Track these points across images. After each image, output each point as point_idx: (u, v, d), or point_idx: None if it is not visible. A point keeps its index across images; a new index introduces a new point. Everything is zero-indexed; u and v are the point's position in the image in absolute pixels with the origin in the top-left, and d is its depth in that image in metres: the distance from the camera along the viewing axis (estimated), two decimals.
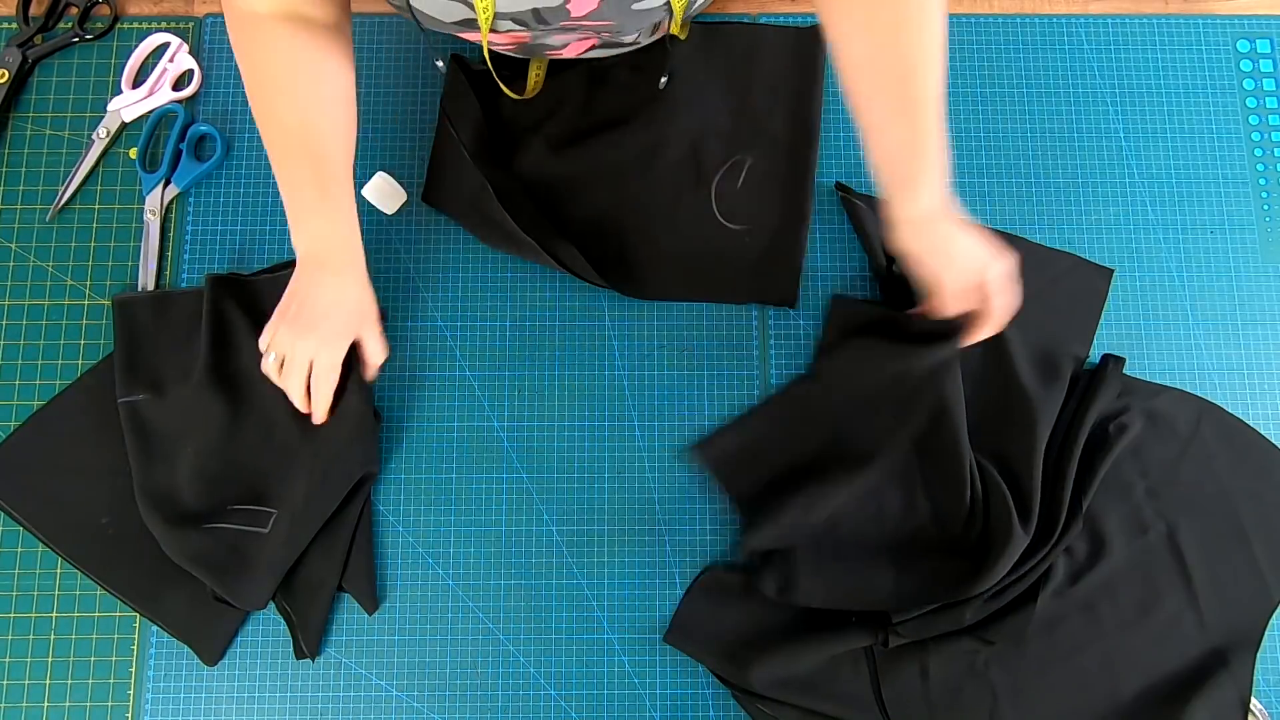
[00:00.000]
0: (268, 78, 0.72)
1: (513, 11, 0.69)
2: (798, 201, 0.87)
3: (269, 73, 0.71)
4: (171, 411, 0.81)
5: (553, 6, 0.68)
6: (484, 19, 0.69)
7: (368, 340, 0.77)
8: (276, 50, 0.71)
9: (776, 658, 0.76)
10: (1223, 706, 0.77)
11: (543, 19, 0.70)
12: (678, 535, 0.82)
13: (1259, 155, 0.90)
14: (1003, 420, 0.81)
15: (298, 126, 0.72)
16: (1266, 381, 0.85)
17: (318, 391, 0.75)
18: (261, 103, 0.72)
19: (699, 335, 0.86)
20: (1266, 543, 0.81)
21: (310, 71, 0.72)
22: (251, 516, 0.78)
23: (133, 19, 0.91)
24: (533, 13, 0.69)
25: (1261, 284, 0.87)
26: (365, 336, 0.77)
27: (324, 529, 0.79)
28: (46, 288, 0.86)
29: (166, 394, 0.81)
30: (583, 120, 0.88)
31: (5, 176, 0.88)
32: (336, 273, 0.75)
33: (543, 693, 0.79)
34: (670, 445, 0.83)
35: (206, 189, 0.88)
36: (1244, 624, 0.79)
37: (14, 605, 0.80)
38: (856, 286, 0.87)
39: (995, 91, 0.91)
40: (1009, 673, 0.78)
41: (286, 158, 0.73)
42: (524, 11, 0.69)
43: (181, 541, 0.77)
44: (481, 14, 0.68)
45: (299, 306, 0.75)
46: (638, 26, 0.75)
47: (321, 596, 0.78)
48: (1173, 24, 0.93)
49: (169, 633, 0.79)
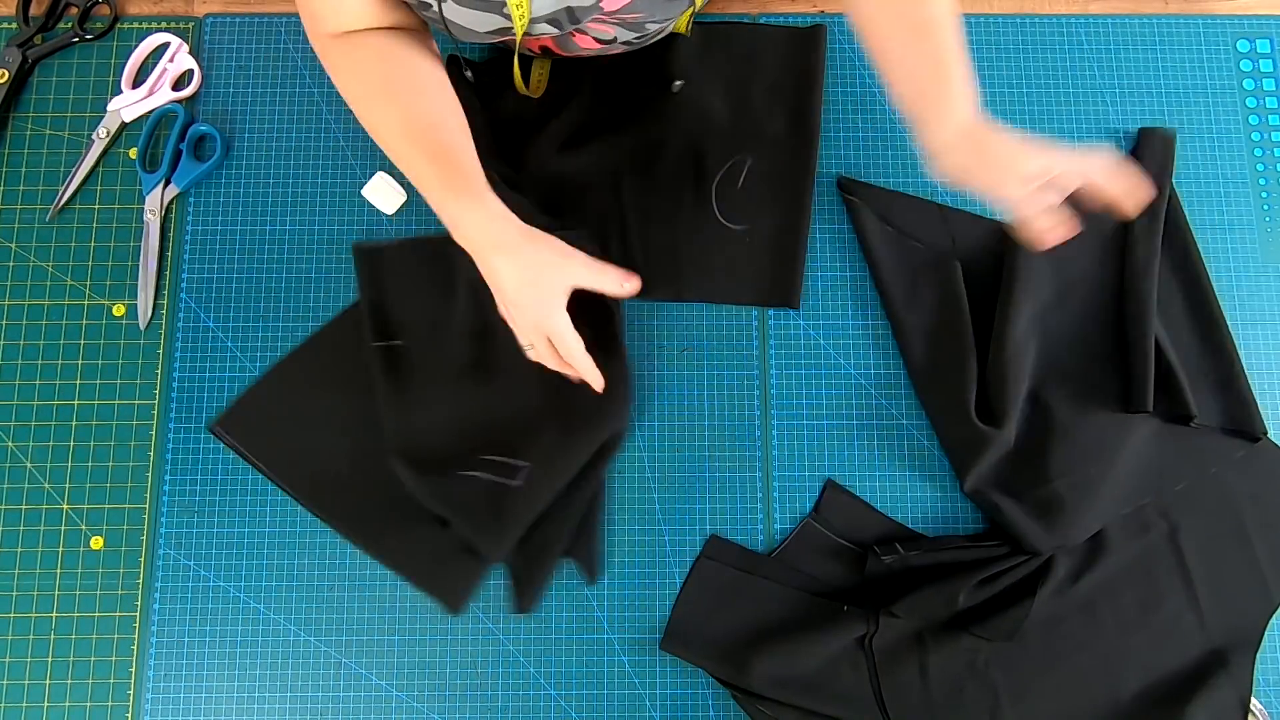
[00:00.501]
0: (384, 86, 0.72)
1: (547, 14, 0.69)
2: (798, 201, 0.87)
3: (384, 80, 0.71)
4: (424, 358, 0.82)
5: (585, 5, 0.69)
6: (520, 25, 0.69)
7: (584, 281, 0.73)
8: (388, 58, 0.71)
9: (774, 656, 0.76)
10: (1223, 707, 0.77)
11: (575, 17, 0.70)
12: (678, 535, 0.82)
13: (1259, 155, 0.90)
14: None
15: (428, 127, 0.72)
16: (1266, 381, 0.85)
17: (572, 359, 0.73)
18: (380, 113, 0.72)
19: (699, 335, 0.86)
20: (1267, 543, 0.81)
21: (422, 70, 0.72)
22: (503, 468, 0.79)
23: (133, 19, 0.91)
24: (566, 11, 0.69)
25: (1261, 284, 0.87)
26: (581, 280, 0.73)
27: (565, 490, 0.79)
28: (46, 288, 0.86)
29: (419, 340, 0.82)
30: (584, 121, 0.88)
31: (5, 176, 0.88)
32: (511, 250, 0.72)
33: (543, 693, 0.79)
34: (670, 445, 0.83)
35: (206, 189, 0.88)
36: (1244, 624, 0.79)
37: (14, 605, 0.80)
38: (857, 286, 0.87)
39: (995, 91, 0.91)
40: (1009, 672, 0.78)
41: (402, 153, 0.72)
42: (558, 11, 0.69)
43: (435, 486, 0.78)
44: (518, 21, 0.68)
45: (501, 297, 0.74)
46: (666, 16, 0.75)
47: (548, 557, 0.79)
48: (1173, 24, 0.93)
49: (412, 582, 0.79)
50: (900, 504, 0.83)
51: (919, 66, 0.70)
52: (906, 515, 0.83)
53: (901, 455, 0.84)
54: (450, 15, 0.69)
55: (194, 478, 0.82)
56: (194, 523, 0.82)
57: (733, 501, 0.83)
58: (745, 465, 0.83)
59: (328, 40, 0.72)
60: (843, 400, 0.85)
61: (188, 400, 0.84)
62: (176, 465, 0.83)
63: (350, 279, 0.86)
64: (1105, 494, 0.79)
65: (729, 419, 0.84)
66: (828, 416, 0.84)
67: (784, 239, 0.86)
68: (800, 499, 0.83)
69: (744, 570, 0.80)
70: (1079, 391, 0.83)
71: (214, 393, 0.84)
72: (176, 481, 0.82)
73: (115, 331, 0.85)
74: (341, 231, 0.87)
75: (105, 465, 0.83)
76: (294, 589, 0.81)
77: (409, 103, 0.72)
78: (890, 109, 0.90)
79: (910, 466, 0.83)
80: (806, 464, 0.83)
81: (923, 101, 0.71)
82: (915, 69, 0.71)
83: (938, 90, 0.70)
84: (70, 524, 0.82)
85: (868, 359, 0.85)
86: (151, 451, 0.83)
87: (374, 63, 0.72)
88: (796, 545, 0.81)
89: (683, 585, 0.80)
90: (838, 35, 0.92)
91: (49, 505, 0.82)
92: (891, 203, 0.87)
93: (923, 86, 0.71)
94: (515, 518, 0.77)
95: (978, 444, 0.80)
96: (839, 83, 0.91)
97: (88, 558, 0.81)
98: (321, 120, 0.89)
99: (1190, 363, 0.83)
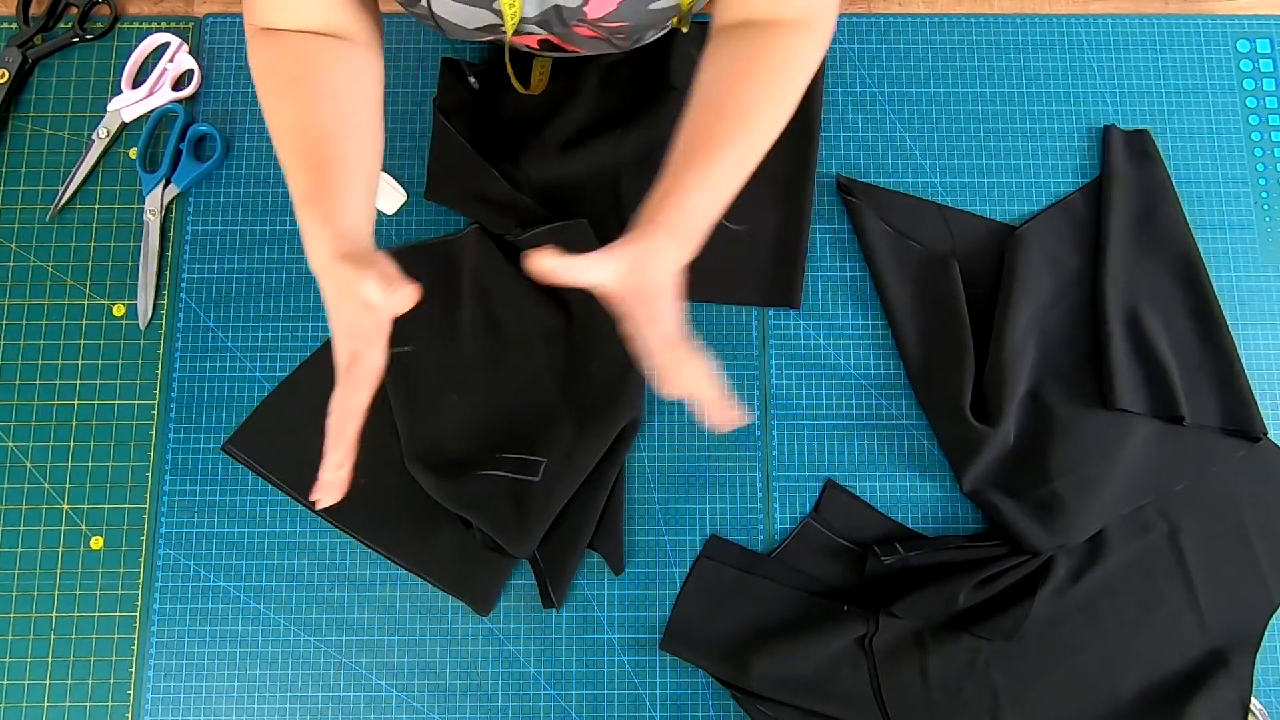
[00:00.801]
0: (289, 84, 0.65)
1: (536, 15, 0.69)
2: (798, 201, 0.87)
3: (291, 80, 0.65)
4: (435, 362, 0.82)
5: (572, 7, 0.68)
6: (511, 22, 0.69)
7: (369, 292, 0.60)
8: (304, 58, 0.66)
9: (774, 656, 0.76)
10: (1223, 707, 0.77)
11: (563, 19, 0.70)
12: (678, 535, 0.82)
13: (1259, 155, 0.90)
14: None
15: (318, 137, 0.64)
16: (1267, 381, 0.85)
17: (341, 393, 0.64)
18: (277, 109, 0.66)
19: (699, 335, 0.86)
20: (1268, 544, 0.81)
21: (337, 78, 0.66)
22: (522, 465, 0.79)
23: (133, 19, 0.91)
24: (555, 11, 0.69)
25: (1261, 284, 0.87)
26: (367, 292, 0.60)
27: (585, 482, 0.79)
28: (46, 288, 0.86)
29: (429, 344, 0.82)
30: (584, 120, 0.88)
31: (5, 176, 0.88)
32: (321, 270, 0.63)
33: (543, 693, 0.79)
34: (670, 445, 0.83)
35: (206, 189, 0.88)
36: (1244, 625, 0.79)
37: (14, 605, 0.80)
38: (856, 286, 0.87)
39: (995, 91, 0.91)
40: (1009, 672, 0.78)
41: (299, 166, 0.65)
42: (547, 11, 0.69)
43: (457, 489, 0.78)
44: (509, 18, 0.68)
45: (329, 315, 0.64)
46: (652, 24, 0.75)
47: (575, 550, 0.79)
48: (1173, 24, 0.93)
49: (439, 586, 0.79)
50: (900, 504, 0.83)
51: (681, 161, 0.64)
52: (906, 515, 0.83)
53: (901, 455, 0.84)
54: (439, 10, 0.68)
55: (194, 478, 0.82)
56: (194, 523, 0.82)
57: (733, 501, 0.83)
58: (745, 465, 0.83)
59: (255, 32, 0.67)
60: (843, 400, 0.85)
61: (188, 400, 0.84)
62: (176, 465, 0.83)
63: None
64: (1105, 494, 0.79)
65: None
66: (828, 416, 0.84)
67: (784, 239, 0.86)
68: (800, 499, 0.83)
69: (744, 570, 0.80)
70: (1078, 391, 0.83)
71: (214, 393, 0.84)
72: (176, 481, 0.82)
73: (115, 331, 0.85)
74: None
75: (105, 465, 0.83)
76: (294, 589, 0.81)
77: (309, 105, 0.65)
78: (890, 109, 0.91)
79: (910, 466, 0.83)
80: (806, 464, 0.83)
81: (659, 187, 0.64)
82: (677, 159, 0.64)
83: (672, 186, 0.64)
84: (70, 524, 0.82)
85: (868, 359, 0.85)
86: (151, 451, 0.83)
87: (288, 60, 0.66)
88: (796, 545, 0.81)
89: (683, 585, 0.80)
90: (838, 35, 0.92)
91: (49, 505, 0.82)
92: (891, 203, 0.87)
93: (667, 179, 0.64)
94: (538, 513, 0.77)
95: (975, 444, 0.80)
96: (839, 83, 0.91)
97: (88, 558, 0.81)
98: None
99: (1190, 362, 0.83)
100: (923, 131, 0.90)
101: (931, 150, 0.90)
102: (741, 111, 0.65)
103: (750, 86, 0.66)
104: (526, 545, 0.77)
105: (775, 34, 0.67)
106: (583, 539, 0.79)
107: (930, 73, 0.91)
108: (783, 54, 0.67)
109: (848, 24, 0.92)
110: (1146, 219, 0.87)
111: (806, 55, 0.67)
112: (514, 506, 0.78)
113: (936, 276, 0.85)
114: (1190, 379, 0.82)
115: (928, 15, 0.93)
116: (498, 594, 0.80)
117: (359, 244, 0.63)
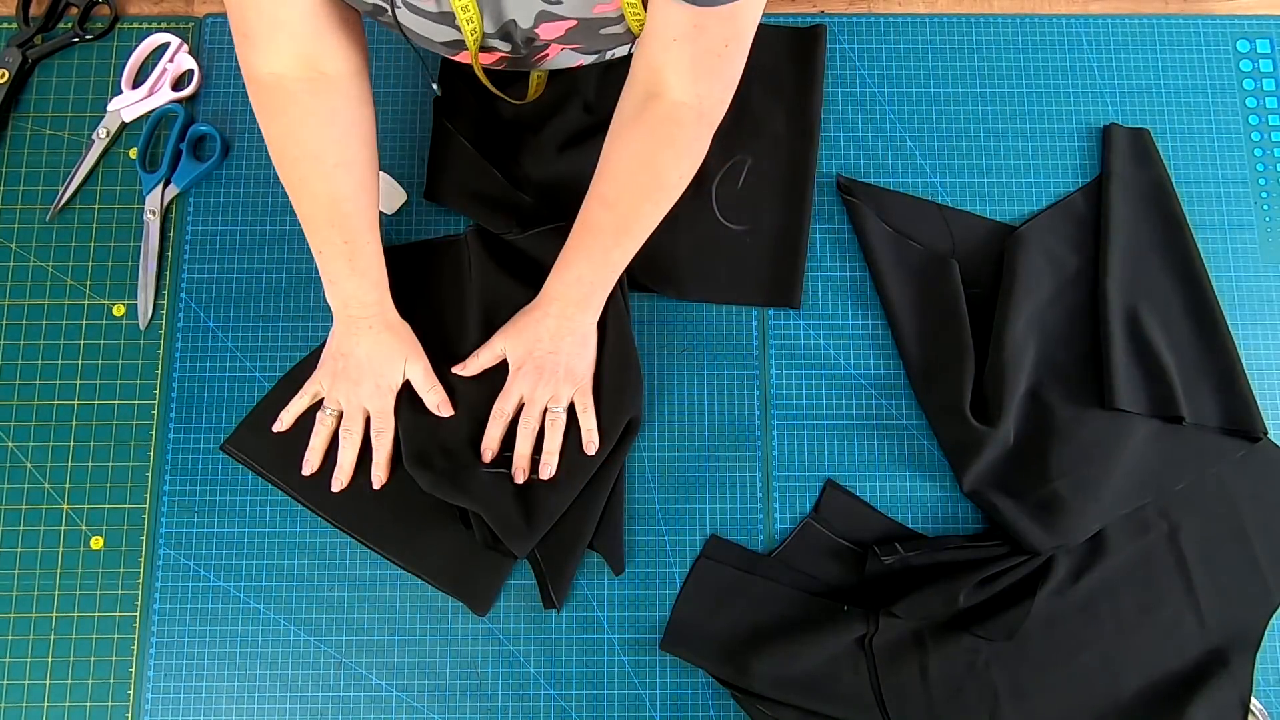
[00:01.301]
0: (295, 147, 0.72)
1: (496, 29, 0.69)
2: (798, 201, 0.87)
3: (296, 142, 0.72)
4: (435, 361, 0.82)
5: (525, 28, 0.69)
6: (471, 40, 0.69)
7: (413, 375, 0.80)
8: (302, 119, 0.71)
9: (774, 656, 0.76)
10: (1223, 707, 0.77)
11: (525, 36, 0.70)
12: (678, 535, 0.82)
13: (1259, 155, 0.90)
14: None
15: (327, 197, 0.73)
16: (1267, 381, 0.85)
17: (379, 439, 0.79)
18: (291, 172, 0.73)
19: (699, 335, 0.86)
20: (1267, 543, 0.81)
21: (336, 135, 0.72)
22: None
23: (133, 19, 0.91)
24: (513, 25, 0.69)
25: (1261, 284, 0.87)
26: (411, 374, 0.80)
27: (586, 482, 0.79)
28: (46, 288, 0.86)
29: (429, 343, 0.82)
30: (584, 120, 0.88)
31: (5, 176, 0.88)
32: (371, 328, 0.78)
33: (543, 693, 0.79)
34: (670, 445, 0.83)
35: (206, 189, 0.88)
36: (1244, 625, 0.79)
37: (14, 605, 0.80)
38: (856, 286, 0.87)
39: (995, 91, 0.91)
40: (1009, 672, 0.78)
41: (318, 229, 0.75)
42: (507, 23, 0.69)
43: (459, 485, 0.78)
44: (469, 36, 0.68)
45: (345, 362, 0.79)
46: (606, 47, 0.75)
47: (576, 550, 0.79)
48: (1173, 24, 0.93)
49: (438, 586, 0.79)
50: (900, 504, 0.83)
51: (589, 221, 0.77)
52: (906, 515, 0.83)
53: (901, 455, 0.84)
54: (405, 22, 0.68)
55: (194, 478, 0.82)
56: (194, 523, 0.82)
57: (733, 501, 0.83)
58: (745, 465, 0.83)
59: (259, 83, 0.70)
60: (843, 400, 0.85)
61: (188, 400, 0.84)
62: (176, 465, 0.83)
63: None
64: (1105, 494, 0.79)
65: (729, 419, 0.84)
66: (828, 416, 0.84)
67: (784, 239, 0.86)
68: (800, 499, 0.83)
69: (744, 570, 0.80)
70: (1078, 391, 0.83)
71: (214, 393, 0.84)
72: (176, 481, 0.82)
73: (115, 331, 0.85)
74: None
75: (105, 465, 0.83)
76: (294, 589, 0.81)
77: (331, 171, 0.72)
78: (890, 109, 0.91)
79: (910, 466, 0.83)
80: (806, 464, 0.83)
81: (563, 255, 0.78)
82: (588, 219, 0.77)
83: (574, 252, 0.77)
84: (70, 524, 0.82)
85: (868, 359, 0.85)
86: (151, 451, 0.83)
87: (305, 123, 0.71)
88: (796, 545, 0.81)
89: (683, 585, 0.80)
90: (838, 35, 0.92)
91: (49, 505, 0.82)
92: (891, 203, 0.87)
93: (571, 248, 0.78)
94: (542, 512, 0.78)
95: (975, 444, 0.80)
96: (839, 83, 0.91)
97: (88, 558, 0.81)
98: None
99: (1190, 362, 0.83)
100: (923, 131, 0.90)
101: (931, 150, 0.90)
102: (630, 209, 0.75)
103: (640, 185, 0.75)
104: (528, 543, 0.77)
105: (671, 127, 0.71)
106: (583, 539, 0.79)
107: (930, 73, 0.91)
108: (675, 150, 0.73)
109: (848, 24, 0.93)
110: (1146, 219, 0.87)
111: (696, 147, 0.74)
112: (515, 504, 0.78)
113: (936, 276, 0.85)
114: (1190, 379, 0.82)
115: (928, 15, 0.93)
116: (496, 594, 0.80)
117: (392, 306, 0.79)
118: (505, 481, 0.79)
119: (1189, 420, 0.81)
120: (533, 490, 0.78)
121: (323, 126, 0.71)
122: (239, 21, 0.67)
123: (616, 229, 0.76)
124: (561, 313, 0.78)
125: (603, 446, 0.79)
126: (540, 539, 0.78)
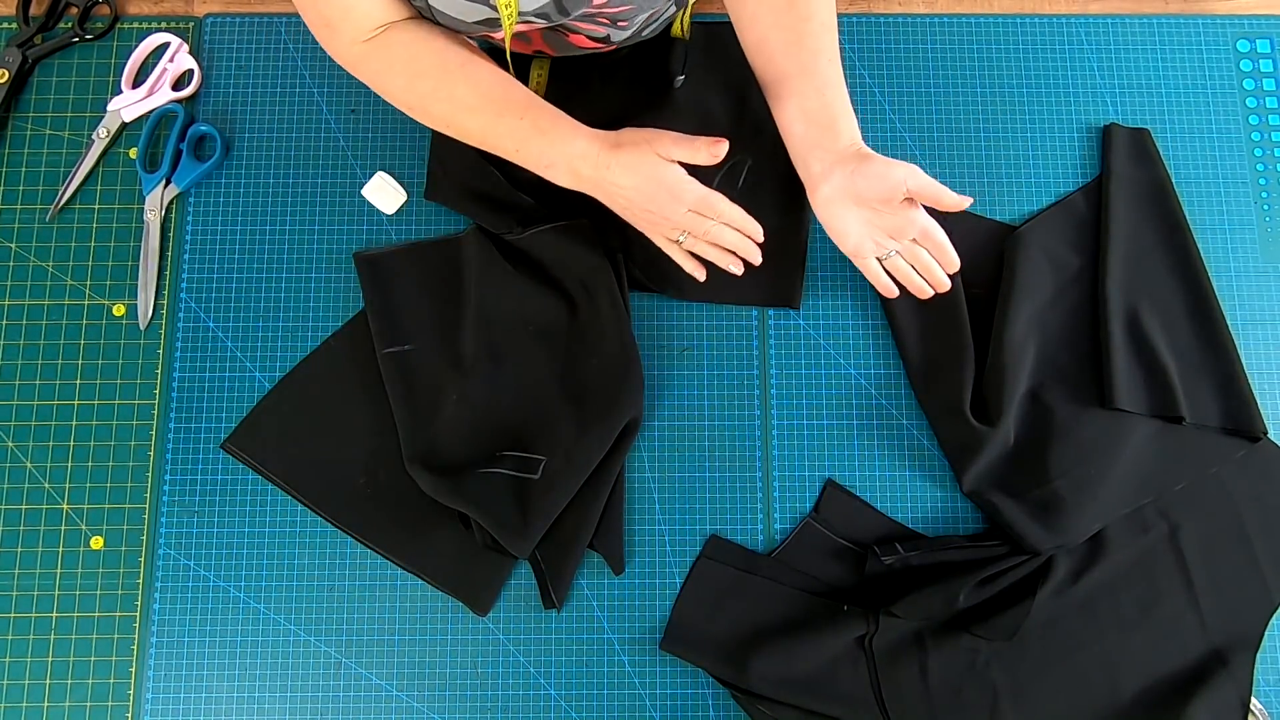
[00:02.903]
0: (423, 80, 0.73)
1: (535, 8, 0.69)
2: (798, 202, 0.87)
3: (421, 74, 0.73)
4: (435, 361, 0.82)
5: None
6: (507, 19, 0.69)
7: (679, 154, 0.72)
8: (426, 42, 0.72)
9: (774, 656, 0.76)
10: (1223, 707, 0.77)
11: (564, 9, 0.70)
12: (678, 535, 0.82)
13: (1259, 155, 0.90)
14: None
15: (478, 97, 0.73)
16: (1267, 381, 0.85)
17: (729, 217, 0.75)
18: (435, 106, 0.74)
19: (699, 335, 0.86)
20: (1267, 544, 0.81)
21: (441, 44, 0.73)
22: (522, 463, 0.79)
23: (133, 19, 0.91)
24: (555, 3, 0.69)
25: (1261, 284, 0.87)
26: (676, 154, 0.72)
27: (585, 482, 0.79)
28: (46, 288, 0.86)
29: (428, 343, 0.82)
30: (584, 120, 0.87)
31: (5, 176, 0.88)
32: (609, 167, 0.73)
33: (543, 693, 0.79)
34: (670, 445, 0.83)
35: (206, 189, 0.88)
36: (1244, 625, 0.79)
37: (14, 605, 0.80)
38: (856, 286, 0.87)
39: (995, 91, 0.91)
40: (1009, 672, 0.78)
41: (493, 131, 0.74)
42: (547, 5, 0.69)
43: (458, 487, 0.78)
44: (505, 15, 0.68)
45: (630, 210, 0.76)
46: (653, 7, 0.75)
47: (575, 550, 0.79)
48: (1173, 24, 0.93)
49: (437, 586, 0.79)
50: (900, 504, 0.83)
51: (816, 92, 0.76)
52: (906, 515, 0.83)
53: (901, 455, 0.84)
54: (436, 4, 0.69)
55: (194, 478, 0.83)
56: (194, 523, 0.82)
57: (733, 501, 0.83)
58: (745, 465, 0.83)
59: (359, 49, 0.72)
60: (843, 400, 0.85)
61: (188, 400, 0.84)
62: (176, 465, 0.83)
63: (351, 280, 0.86)
64: (1105, 494, 0.79)
65: (729, 419, 0.84)
66: (828, 416, 0.84)
67: (784, 239, 0.86)
68: (800, 499, 0.83)
69: (744, 570, 0.80)
70: (1078, 391, 0.83)
71: (214, 393, 0.84)
72: (176, 481, 0.82)
73: (115, 331, 0.85)
74: (342, 232, 0.87)
75: (105, 465, 0.83)
76: (294, 589, 0.81)
77: (471, 75, 0.73)
78: (890, 109, 0.91)
79: (910, 466, 0.83)
80: (806, 464, 0.83)
81: (816, 126, 0.76)
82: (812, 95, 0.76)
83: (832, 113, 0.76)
84: (70, 524, 0.82)
85: (868, 359, 0.85)
86: (151, 451, 0.83)
87: (419, 52, 0.73)
88: (796, 545, 0.81)
89: (683, 585, 0.81)
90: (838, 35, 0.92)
91: (49, 505, 0.82)
92: None
93: (817, 113, 0.76)
94: (539, 512, 0.77)
95: (975, 444, 0.80)
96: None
97: (88, 558, 0.81)
98: (321, 120, 0.89)
99: (1190, 363, 0.83)
100: (923, 131, 0.90)
101: (931, 150, 0.90)
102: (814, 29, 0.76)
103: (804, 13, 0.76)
104: (527, 543, 0.77)
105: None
106: (583, 539, 0.79)
107: (930, 73, 0.91)
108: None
109: (848, 24, 0.92)
110: (1147, 219, 0.87)
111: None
112: (515, 504, 0.78)
113: None
114: (1190, 379, 0.82)
115: (928, 15, 0.93)
116: (496, 594, 0.80)
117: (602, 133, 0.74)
118: (504, 482, 0.79)
119: (1189, 420, 0.81)
120: (531, 490, 0.78)
121: (430, 40, 0.73)
122: (315, 16, 0.71)
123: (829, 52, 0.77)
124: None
125: (600, 446, 0.79)
126: (540, 539, 0.78)
